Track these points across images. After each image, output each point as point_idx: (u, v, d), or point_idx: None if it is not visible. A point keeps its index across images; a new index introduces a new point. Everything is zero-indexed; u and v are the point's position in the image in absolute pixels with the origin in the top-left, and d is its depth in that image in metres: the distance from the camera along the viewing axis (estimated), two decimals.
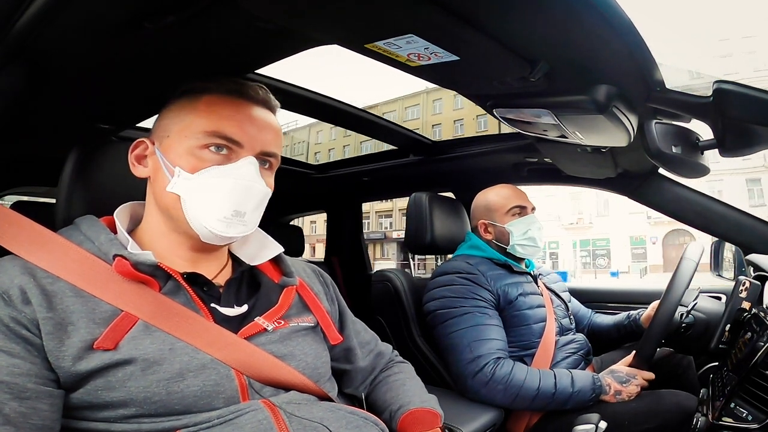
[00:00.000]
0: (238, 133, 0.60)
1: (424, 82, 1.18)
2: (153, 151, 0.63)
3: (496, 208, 1.32)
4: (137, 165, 0.64)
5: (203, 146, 0.59)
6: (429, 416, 0.74)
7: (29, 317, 0.50)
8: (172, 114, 0.63)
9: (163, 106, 0.65)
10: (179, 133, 0.60)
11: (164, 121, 0.63)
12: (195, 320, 0.57)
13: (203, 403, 0.53)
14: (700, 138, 0.87)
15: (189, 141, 0.59)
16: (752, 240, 1.19)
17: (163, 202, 0.61)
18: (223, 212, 0.58)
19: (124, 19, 0.56)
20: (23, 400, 0.47)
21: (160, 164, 0.61)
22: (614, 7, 0.56)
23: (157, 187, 0.62)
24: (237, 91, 0.62)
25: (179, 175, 0.59)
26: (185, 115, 0.61)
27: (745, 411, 0.77)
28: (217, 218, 0.58)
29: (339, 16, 0.54)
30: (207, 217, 0.58)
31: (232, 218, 0.59)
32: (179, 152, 0.60)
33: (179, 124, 0.61)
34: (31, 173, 1.25)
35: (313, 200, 2.28)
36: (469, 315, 1.14)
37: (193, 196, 0.58)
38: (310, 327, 0.69)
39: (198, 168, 0.59)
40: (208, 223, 0.58)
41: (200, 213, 0.58)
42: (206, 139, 0.59)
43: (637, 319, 1.31)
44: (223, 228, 0.59)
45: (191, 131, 0.60)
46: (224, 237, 0.60)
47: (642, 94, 0.78)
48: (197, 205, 0.58)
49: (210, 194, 0.58)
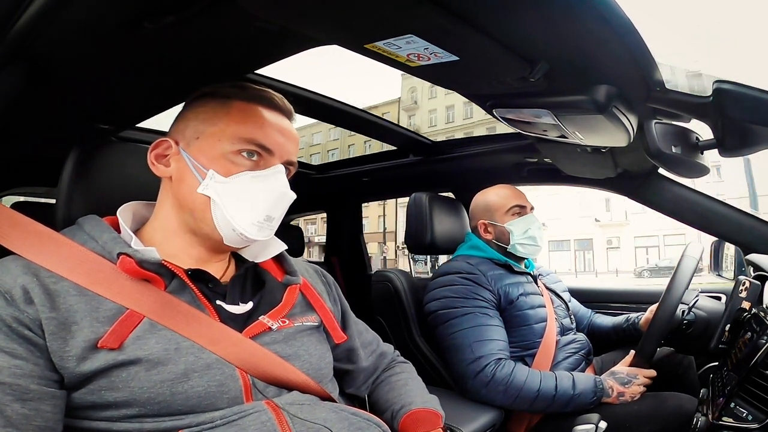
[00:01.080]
0: (270, 142, 0.62)
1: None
2: (177, 152, 0.62)
3: (496, 208, 1.32)
4: (157, 164, 0.63)
5: (237, 152, 0.61)
6: (431, 416, 0.74)
7: (32, 317, 0.49)
8: (200, 116, 0.63)
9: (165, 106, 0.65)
10: (212, 137, 0.61)
11: (191, 123, 0.63)
12: (200, 318, 0.57)
13: (207, 403, 0.53)
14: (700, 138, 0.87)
15: (223, 145, 0.60)
16: (752, 240, 1.19)
17: (189, 203, 0.61)
18: (257, 217, 0.60)
19: (124, 19, 0.56)
20: (26, 402, 0.47)
21: (188, 166, 0.61)
22: (614, 7, 0.56)
23: (182, 188, 0.62)
24: (266, 100, 0.64)
25: (212, 178, 0.60)
26: (218, 120, 0.62)
27: (745, 411, 0.77)
28: (251, 222, 0.60)
29: (339, 16, 0.54)
30: (241, 220, 0.59)
31: (263, 223, 0.61)
32: (212, 155, 0.60)
33: (212, 128, 0.61)
34: (31, 173, 1.25)
35: (312, 200, 2.28)
36: (471, 315, 1.14)
37: (226, 199, 0.59)
38: (314, 326, 0.69)
39: (232, 172, 0.60)
40: (242, 227, 0.59)
41: (234, 216, 0.59)
42: (241, 145, 0.60)
43: (636, 323, 1.31)
44: (255, 232, 0.60)
45: (225, 136, 0.61)
46: (249, 240, 0.61)
47: (642, 94, 0.78)
48: (230, 208, 0.59)
49: (246, 198, 0.60)
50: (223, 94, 0.63)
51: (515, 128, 0.97)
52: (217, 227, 0.60)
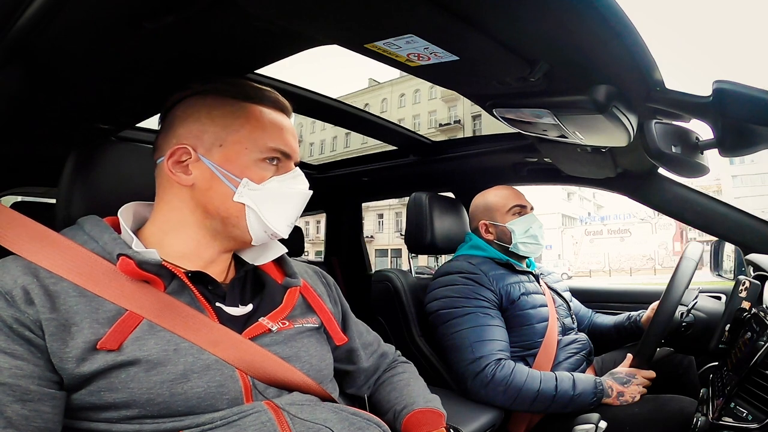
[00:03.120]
0: (289, 148, 0.65)
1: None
2: (197, 159, 0.61)
3: (496, 208, 1.33)
4: (176, 173, 0.61)
5: (263, 159, 0.63)
6: (433, 416, 0.74)
7: (32, 318, 0.49)
8: (218, 121, 0.62)
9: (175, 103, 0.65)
10: (237, 144, 0.61)
11: (209, 128, 0.61)
12: (200, 320, 0.57)
13: (207, 404, 0.53)
14: (700, 138, 0.87)
15: (252, 154, 0.62)
16: (752, 240, 1.19)
17: (222, 211, 0.61)
18: (292, 218, 0.65)
19: (124, 19, 0.56)
20: (26, 403, 0.47)
21: (215, 174, 0.60)
22: (614, 7, 0.56)
23: (212, 197, 0.61)
24: (272, 102, 0.66)
25: (246, 186, 0.61)
26: (239, 127, 0.62)
27: (745, 411, 0.77)
28: (287, 224, 0.65)
29: (339, 16, 0.54)
30: (278, 223, 0.63)
31: (293, 223, 0.66)
32: (243, 164, 0.61)
33: (234, 135, 0.61)
34: (31, 173, 1.25)
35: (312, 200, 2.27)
36: (472, 315, 1.14)
37: (262, 205, 0.62)
38: (315, 328, 0.69)
39: (264, 178, 0.62)
40: (279, 228, 0.63)
41: (271, 219, 0.62)
42: (268, 153, 0.63)
43: (637, 321, 1.31)
44: (287, 231, 0.65)
45: (254, 144, 0.62)
46: (278, 237, 0.65)
47: (642, 94, 0.78)
48: (267, 213, 0.62)
49: (281, 202, 0.63)
50: (230, 94, 0.63)
51: (515, 128, 0.97)
52: (249, 230, 0.62)
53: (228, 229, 0.62)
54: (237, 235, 0.63)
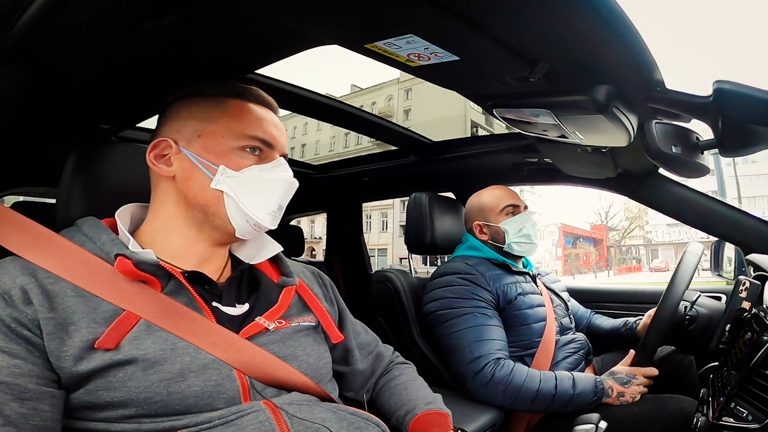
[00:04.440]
0: (269, 136, 0.64)
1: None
2: (177, 151, 0.63)
3: (489, 209, 1.33)
4: (158, 164, 0.64)
5: (242, 147, 0.63)
6: (438, 418, 0.74)
7: (30, 317, 0.49)
8: (197, 115, 0.64)
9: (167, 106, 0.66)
10: (215, 134, 0.62)
11: (187, 122, 0.64)
12: (197, 320, 0.57)
13: (204, 403, 0.53)
14: (700, 138, 0.87)
15: (229, 142, 0.62)
16: (752, 240, 1.19)
17: (201, 199, 0.62)
18: (272, 206, 0.64)
19: (124, 19, 0.56)
20: (24, 401, 0.47)
21: (194, 163, 0.62)
22: (614, 7, 0.56)
23: (191, 186, 0.62)
24: (254, 96, 0.66)
25: (223, 173, 0.61)
26: (216, 117, 0.63)
27: (745, 411, 0.77)
28: (267, 212, 0.63)
29: (339, 16, 0.54)
30: (258, 210, 0.62)
31: (276, 212, 0.64)
32: (220, 152, 0.62)
33: (212, 125, 0.63)
34: (31, 173, 1.25)
35: (313, 200, 2.28)
36: (469, 315, 1.14)
37: (240, 192, 0.61)
38: (312, 327, 0.69)
39: (242, 166, 0.62)
40: (258, 216, 0.62)
41: (249, 207, 0.62)
42: (246, 141, 0.63)
43: (633, 328, 1.30)
44: (269, 221, 0.64)
45: (230, 133, 0.62)
46: (262, 229, 0.64)
47: (642, 94, 0.78)
48: (246, 200, 0.61)
49: (260, 190, 0.62)
50: (212, 93, 0.65)
51: (515, 128, 0.97)
52: (230, 220, 0.62)
53: (209, 219, 0.62)
54: (219, 224, 0.63)
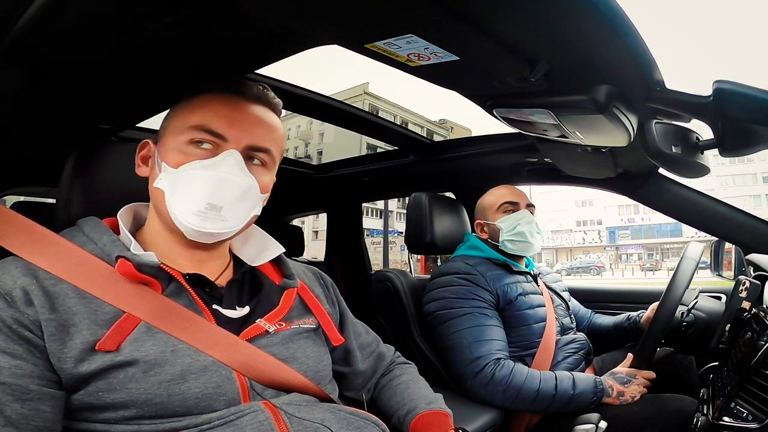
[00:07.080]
0: (223, 128, 0.59)
1: None
2: (154, 151, 0.64)
3: (488, 207, 1.33)
4: (141, 165, 0.65)
5: (189, 142, 0.60)
6: (439, 418, 0.73)
7: (32, 318, 0.49)
8: (170, 114, 0.65)
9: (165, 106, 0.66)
10: (174, 130, 0.61)
11: (164, 122, 0.65)
12: (197, 322, 0.57)
13: (204, 405, 0.53)
14: (700, 138, 0.87)
15: (178, 137, 0.60)
16: (752, 240, 1.19)
17: (153, 199, 0.62)
18: (197, 206, 0.57)
19: (124, 19, 0.56)
20: (25, 402, 0.47)
21: (155, 162, 0.62)
22: (614, 8, 0.56)
23: (150, 185, 0.63)
24: (233, 89, 0.63)
25: (164, 170, 0.59)
26: (181, 114, 0.62)
27: (745, 411, 0.77)
28: (191, 212, 0.57)
29: (339, 16, 0.54)
30: (184, 211, 0.57)
31: (206, 212, 0.57)
32: (169, 148, 0.60)
33: (174, 122, 0.62)
34: (31, 173, 1.25)
35: (313, 200, 2.28)
36: (469, 316, 1.13)
37: (174, 191, 0.58)
38: (312, 329, 0.69)
39: (181, 162, 0.58)
40: (185, 218, 0.57)
41: (178, 207, 0.58)
42: (192, 133, 0.59)
43: (636, 321, 1.30)
44: (198, 222, 0.57)
45: (180, 127, 0.61)
46: (204, 233, 0.58)
47: (642, 94, 0.78)
48: (177, 200, 0.58)
49: (186, 187, 0.58)
50: (198, 90, 0.64)
51: (515, 128, 0.97)
52: (174, 221, 0.58)
53: (164, 220, 0.61)
54: (172, 226, 0.60)
